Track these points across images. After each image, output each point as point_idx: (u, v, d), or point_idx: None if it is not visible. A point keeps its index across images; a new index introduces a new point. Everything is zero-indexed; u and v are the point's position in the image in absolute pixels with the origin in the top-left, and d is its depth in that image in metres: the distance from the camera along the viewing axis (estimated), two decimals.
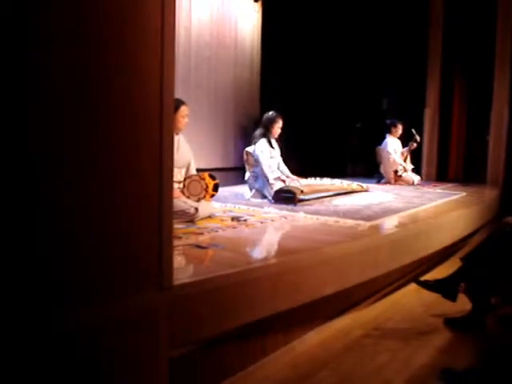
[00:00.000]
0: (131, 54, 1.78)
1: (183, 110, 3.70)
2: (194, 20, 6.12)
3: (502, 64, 6.89)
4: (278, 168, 5.20)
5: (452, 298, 3.27)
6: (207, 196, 3.62)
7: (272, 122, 5.08)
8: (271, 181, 4.78)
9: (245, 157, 5.18)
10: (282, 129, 5.16)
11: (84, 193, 1.67)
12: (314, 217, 3.91)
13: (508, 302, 2.91)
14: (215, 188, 3.69)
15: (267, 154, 4.97)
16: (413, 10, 7.65)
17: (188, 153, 3.86)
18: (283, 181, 4.87)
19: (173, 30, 1.93)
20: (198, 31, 6.19)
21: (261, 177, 4.91)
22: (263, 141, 5.03)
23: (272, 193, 4.71)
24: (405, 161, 7.17)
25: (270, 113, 5.13)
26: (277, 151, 5.21)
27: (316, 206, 4.58)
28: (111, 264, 1.75)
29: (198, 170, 3.98)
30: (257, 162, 4.96)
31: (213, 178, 3.69)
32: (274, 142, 5.16)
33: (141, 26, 1.80)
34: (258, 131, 5.14)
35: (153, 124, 1.87)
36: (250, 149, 5.13)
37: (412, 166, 7.18)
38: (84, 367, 1.67)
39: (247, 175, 5.14)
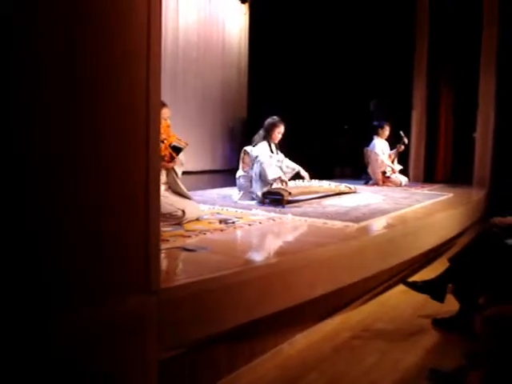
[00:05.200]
0: (117, 53, 1.77)
1: (164, 112, 3.66)
2: (182, 21, 6.10)
3: (488, 65, 6.95)
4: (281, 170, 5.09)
5: (440, 298, 3.28)
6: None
7: (273, 126, 5.01)
8: (270, 180, 4.69)
9: (241, 155, 5.11)
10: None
11: (72, 192, 1.66)
12: (302, 218, 3.91)
13: (495, 302, 2.92)
14: (174, 148, 3.61)
15: (267, 156, 4.88)
16: (399, 13, 7.69)
17: None
18: (284, 181, 4.81)
19: (159, 30, 1.92)
20: (185, 32, 6.17)
21: (256, 177, 4.83)
22: (264, 143, 4.97)
23: (260, 196, 4.69)
24: (392, 163, 7.20)
25: (273, 117, 5.06)
26: (275, 157, 5.07)
27: (304, 207, 4.58)
28: (98, 267, 1.74)
29: (186, 173, 3.95)
30: (254, 163, 4.85)
31: (176, 148, 3.64)
32: (273, 146, 5.09)
33: (128, 26, 1.79)
34: (259, 134, 5.06)
35: (139, 126, 1.86)
36: (248, 148, 5.04)
37: (400, 167, 7.20)
38: (73, 370, 1.65)
39: (239, 173, 5.06)
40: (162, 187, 3.55)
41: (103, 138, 1.75)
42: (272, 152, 5.03)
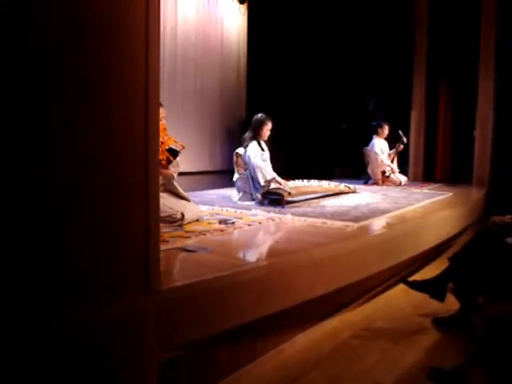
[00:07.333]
0: (116, 54, 1.77)
1: (160, 112, 3.64)
2: (180, 21, 6.10)
3: (487, 65, 6.95)
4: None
5: (440, 297, 3.27)
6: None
7: (261, 124, 5.00)
8: (263, 183, 4.72)
9: (234, 158, 5.13)
10: (270, 131, 5.12)
11: (71, 191, 1.66)
12: (302, 218, 3.91)
13: (495, 301, 2.92)
14: (170, 151, 3.58)
15: (259, 158, 4.90)
16: (398, 13, 7.70)
17: None
18: (278, 182, 4.80)
19: (157, 31, 1.92)
20: (183, 32, 6.17)
21: (251, 180, 4.85)
22: (254, 144, 4.95)
23: (260, 196, 4.70)
24: (392, 162, 7.20)
25: (259, 115, 5.05)
26: (267, 153, 5.11)
27: (304, 207, 4.58)
28: (98, 267, 1.74)
29: (184, 174, 3.95)
30: (247, 165, 4.89)
31: (173, 151, 3.61)
32: (263, 144, 5.09)
33: (126, 27, 1.79)
34: (248, 134, 5.05)
35: (138, 127, 1.86)
36: (240, 150, 5.06)
37: (398, 170, 7.21)
38: (68, 371, 1.65)
39: (235, 176, 5.09)
40: (160, 189, 3.54)
41: (101, 138, 1.75)
42: (263, 150, 5.03)
